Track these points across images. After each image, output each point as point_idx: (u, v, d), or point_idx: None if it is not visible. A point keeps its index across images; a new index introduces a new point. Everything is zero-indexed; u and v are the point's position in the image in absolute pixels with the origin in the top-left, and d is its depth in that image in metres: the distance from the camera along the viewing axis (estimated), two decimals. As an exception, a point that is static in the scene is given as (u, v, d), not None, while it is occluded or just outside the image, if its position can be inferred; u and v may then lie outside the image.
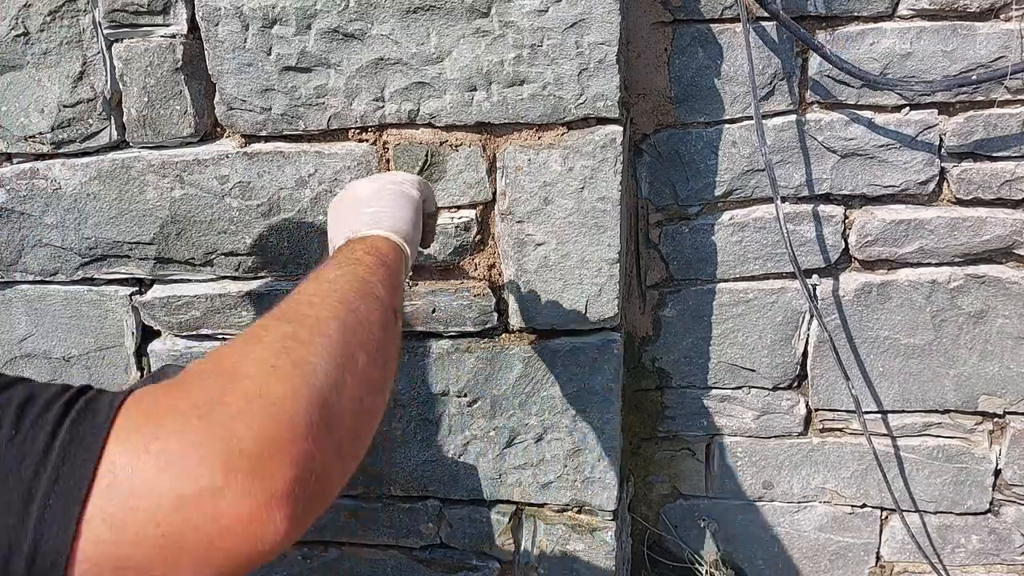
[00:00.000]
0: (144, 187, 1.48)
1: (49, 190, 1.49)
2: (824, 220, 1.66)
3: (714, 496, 1.90)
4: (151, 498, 0.58)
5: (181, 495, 0.58)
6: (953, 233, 1.63)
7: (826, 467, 1.82)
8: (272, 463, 0.61)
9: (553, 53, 1.32)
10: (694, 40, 1.56)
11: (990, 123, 1.57)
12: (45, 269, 1.56)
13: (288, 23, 1.34)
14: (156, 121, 1.44)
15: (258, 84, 1.39)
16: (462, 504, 1.63)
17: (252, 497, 0.60)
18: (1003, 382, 1.72)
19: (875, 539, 1.87)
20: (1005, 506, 1.82)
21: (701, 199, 1.67)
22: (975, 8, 1.50)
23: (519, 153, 1.39)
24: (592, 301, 1.46)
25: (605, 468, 1.56)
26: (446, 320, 1.49)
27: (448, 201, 1.43)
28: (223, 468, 0.59)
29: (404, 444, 1.58)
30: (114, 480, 0.59)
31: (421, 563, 1.69)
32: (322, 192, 1.44)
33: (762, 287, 1.70)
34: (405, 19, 1.32)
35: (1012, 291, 1.65)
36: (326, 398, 0.67)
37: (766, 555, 1.92)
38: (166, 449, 0.60)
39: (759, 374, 1.76)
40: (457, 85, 1.35)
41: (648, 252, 1.73)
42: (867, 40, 1.53)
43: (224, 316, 1.54)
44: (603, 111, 1.35)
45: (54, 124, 1.45)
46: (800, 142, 1.61)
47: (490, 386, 1.53)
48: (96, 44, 1.42)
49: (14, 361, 1.65)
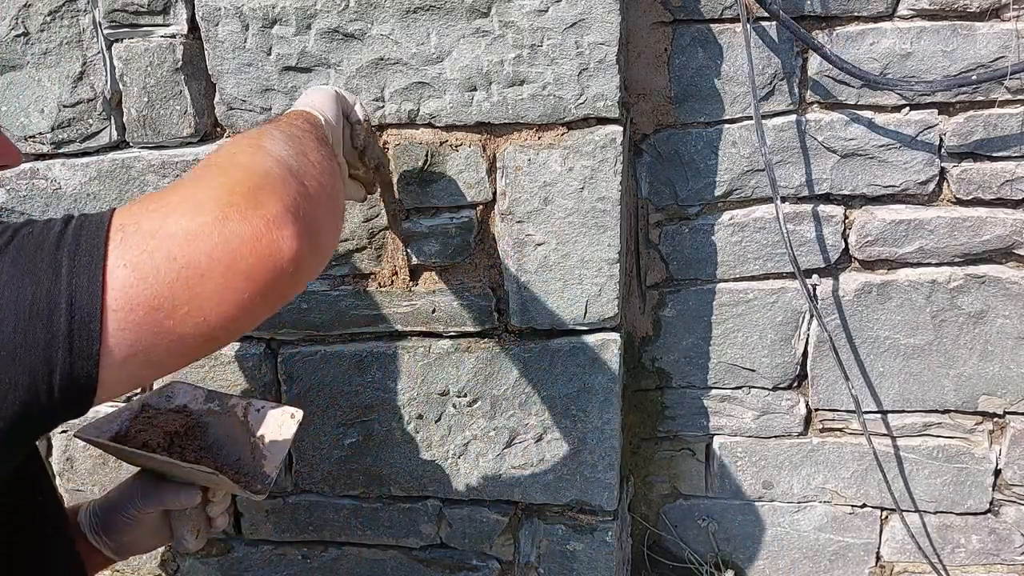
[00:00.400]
0: (144, 187, 1.48)
1: (49, 190, 1.50)
2: (824, 220, 1.66)
3: (714, 496, 1.90)
4: (162, 238, 0.67)
5: (188, 229, 0.67)
6: (953, 233, 1.63)
7: (826, 467, 1.82)
8: (263, 194, 0.72)
9: (553, 53, 1.32)
10: (694, 40, 1.56)
11: (990, 123, 1.57)
12: (45, 269, 1.56)
13: (288, 23, 1.34)
14: (156, 121, 1.44)
15: (258, 84, 1.39)
16: (462, 504, 1.63)
17: (251, 222, 0.69)
18: (1003, 382, 1.72)
19: (875, 539, 1.87)
20: (1005, 506, 1.82)
21: (701, 199, 1.67)
22: (975, 8, 1.50)
23: (519, 153, 1.39)
24: (592, 301, 1.46)
25: (605, 468, 1.56)
26: (446, 320, 1.49)
27: (448, 201, 1.43)
28: (222, 204, 0.69)
29: (404, 444, 1.58)
30: (124, 236, 0.67)
31: (421, 563, 1.69)
32: (322, 192, 1.44)
33: (762, 287, 1.70)
34: (405, 19, 1.32)
35: (1012, 291, 1.65)
36: (291, 165, 0.80)
37: (766, 555, 1.92)
38: (167, 202, 0.70)
39: (759, 374, 1.76)
40: (457, 85, 1.35)
41: (648, 252, 1.73)
42: (867, 40, 1.53)
43: (224, 316, 1.54)
44: (603, 111, 1.35)
45: (54, 124, 1.46)
46: (800, 142, 1.61)
47: (490, 386, 1.53)
48: (96, 44, 1.42)
49: (14, 361, 1.65)
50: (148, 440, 1.14)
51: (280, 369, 1.57)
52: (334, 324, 1.52)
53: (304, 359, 1.55)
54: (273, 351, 1.57)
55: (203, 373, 1.58)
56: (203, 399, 1.27)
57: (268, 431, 1.24)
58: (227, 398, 1.27)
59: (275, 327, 1.54)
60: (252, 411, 1.26)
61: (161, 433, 1.16)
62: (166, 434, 1.17)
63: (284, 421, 1.24)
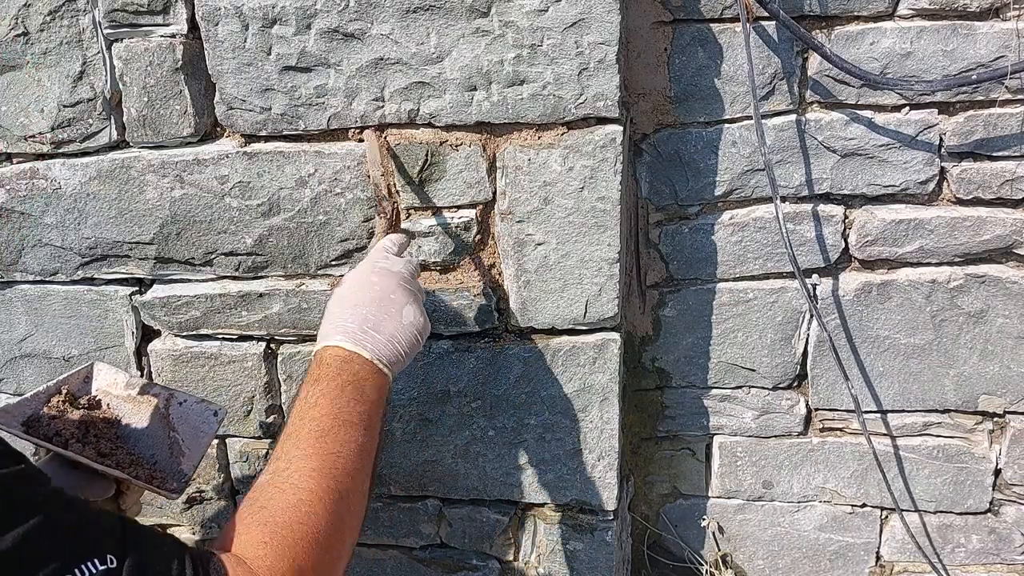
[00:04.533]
0: (144, 187, 1.48)
1: (49, 190, 1.49)
2: (824, 220, 1.65)
3: (714, 496, 1.90)
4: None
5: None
6: (953, 233, 1.63)
7: (826, 467, 1.82)
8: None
9: (553, 53, 1.32)
10: (694, 40, 1.56)
11: (990, 123, 1.57)
12: (45, 269, 1.56)
13: (288, 23, 1.34)
14: (156, 121, 1.44)
15: (258, 84, 1.39)
16: (462, 504, 1.63)
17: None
18: (1003, 382, 1.72)
19: (875, 539, 1.87)
20: (1005, 506, 1.82)
21: (701, 199, 1.67)
22: (975, 8, 1.50)
23: (519, 153, 1.39)
24: (592, 301, 1.46)
25: (605, 468, 1.56)
26: (446, 320, 1.49)
27: (448, 201, 1.43)
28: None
29: (404, 444, 1.58)
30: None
31: (421, 563, 1.69)
32: (322, 192, 1.44)
33: (762, 287, 1.70)
34: (405, 19, 1.32)
35: (1012, 291, 1.65)
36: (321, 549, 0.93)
37: (766, 555, 1.92)
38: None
39: (759, 374, 1.76)
40: (457, 85, 1.35)
41: (648, 252, 1.73)
42: (867, 40, 1.53)
43: (224, 316, 1.54)
44: (603, 111, 1.35)
45: (54, 124, 1.45)
46: (800, 142, 1.61)
47: (490, 386, 1.53)
48: (96, 44, 1.42)
49: (14, 361, 1.65)
50: (61, 429, 1.09)
51: (280, 369, 1.57)
52: (334, 324, 1.52)
53: (304, 359, 1.55)
54: (273, 351, 1.57)
55: (203, 373, 1.58)
56: (123, 385, 1.22)
57: (189, 427, 1.20)
58: (149, 386, 1.23)
59: (275, 327, 1.54)
60: (174, 404, 1.22)
61: (75, 422, 1.11)
62: (80, 423, 1.12)
63: (207, 418, 1.21)
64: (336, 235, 1.47)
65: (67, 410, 1.14)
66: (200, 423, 1.21)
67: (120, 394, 1.22)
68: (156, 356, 1.59)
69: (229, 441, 1.65)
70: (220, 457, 1.65)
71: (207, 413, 1.22)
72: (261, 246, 1.49)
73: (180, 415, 1.22)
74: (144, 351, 1.61)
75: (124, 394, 1.22)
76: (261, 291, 1.52)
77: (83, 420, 1.13)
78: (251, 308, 1.53)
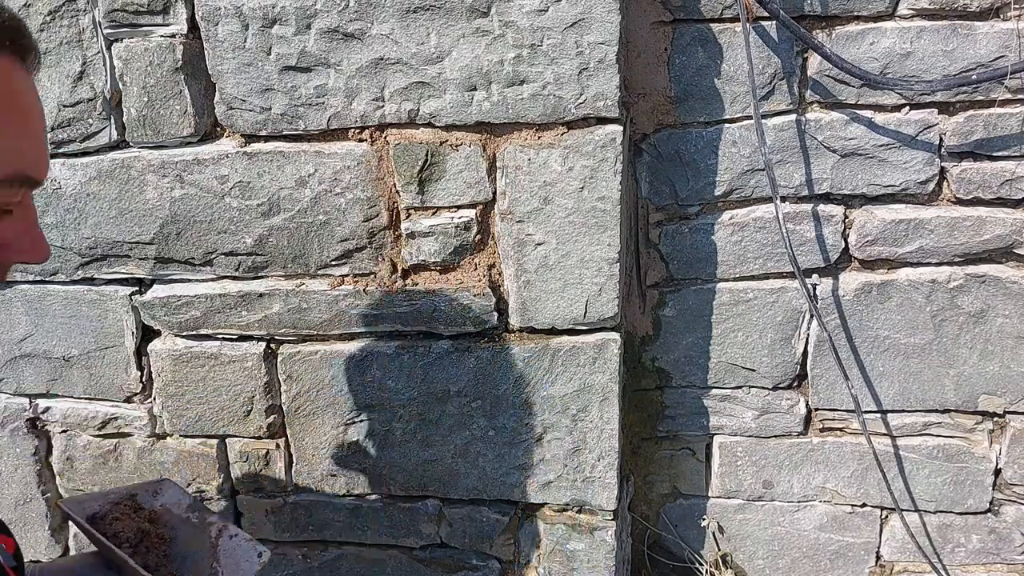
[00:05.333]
0: (144, 187, 1.48)
1: (49, 190, 1.49)
2: (824, 220, 1.66)
3: (714, 496, 1.90)
4: None
5: None
6: (953, 233, 1.63)
7: (826, 466, 1.82)
8: None
9: (553, 53, 1.32)
10: (694, 40, 1.56)
11: (990, 123, 1.57)
12: (45, 269, 1.56)
13: (288, 23, 1.34)
14: (156, 121, 1.44)
15: (258, 84, 1.39)
16: (462, 504, 1.63)
17: None
18: (1003, 381, 1.72)
19: (875, 538, 1.87)
20: (1005, 505, 1.82)
21: (701, 199, 1.67)
22: (975, 8, 1.50)
23: (519, 153, 1.39)
24: (592, 301, 1.46)
25: (605, 468, 1.56)
26: (446, 320, 1.49)
27: (448, 201, 1.43)
28: None
29: (404, 444, 1.58)
30: None
31: (421, 563, 1.69)
32: (322, 192, 1.44)
33: (762, 287, 1.70)
34: (405, 19, 1.32)
35: (1012, 291, 1.65)
36: None
37: (766, 555, 1.92)
38: None
39: (759, 374, 1.76)
40: (457, 85, 1.35)
41: (648, 252, 1.73)
42: (867, 40, 1.53)
43: (224, 316, 1.54)
44: (603, 111, 1.35)
45: (54, 124, 1.45)
46: (800, 142, 1.61)
47: (490, 386, 1.53)
48: (96, 44, 1.42)
49: (14, 361, 1.65)
50: (120, 531, 1.15)
51: (280, 369, 1.58)
52: (334, 324, 1.52)
53: (304, 359, 1.56)
54: (273, 351, 1.57)
55: (203, 373, 1.58)
56: (186, 507, 1.27)
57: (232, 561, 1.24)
58: (207, 514, 1.28)
59: (275, 327, 1.54)
60: (225, 536, 1.26)
61: (134, 529, 1.17)
62: (138, 531, 1.18)
63: (251, 556, 1.25)
64: (336, 235, 1.47)
65: (130, 516, 1.20)
66: (243, 560, 1.25)
67: (180, 515, 1.27)
68: (156, 356, 1.59)
69: (229, 441, 1.65)
70: (220, 457, 1.66)
71: (252, 552, 1.25)
72: (261, 246, 1.49)
73: (227, 548, 1.26)
74: (144, 351, 1.61)
75: (184, 516, 1.27)
76: (261, 291, 1.52)
77: (140, 530, 1.19)
78: (251, 308, 1.53)
